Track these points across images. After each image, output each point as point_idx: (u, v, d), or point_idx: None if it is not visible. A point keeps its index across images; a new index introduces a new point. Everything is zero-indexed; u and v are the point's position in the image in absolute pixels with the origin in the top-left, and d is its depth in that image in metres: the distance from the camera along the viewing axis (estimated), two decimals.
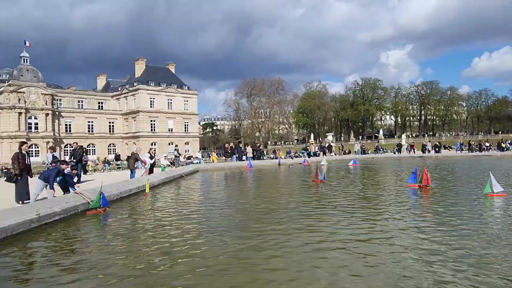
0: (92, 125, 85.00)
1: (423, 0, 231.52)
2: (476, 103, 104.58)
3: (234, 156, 33.18)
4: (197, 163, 39.05)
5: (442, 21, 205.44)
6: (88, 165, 38.01)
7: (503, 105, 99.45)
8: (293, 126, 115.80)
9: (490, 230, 6.91)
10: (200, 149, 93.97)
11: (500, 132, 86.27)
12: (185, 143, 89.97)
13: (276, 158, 40.24)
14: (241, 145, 39.91)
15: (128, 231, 7.51)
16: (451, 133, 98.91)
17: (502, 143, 47.15)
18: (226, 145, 44.55)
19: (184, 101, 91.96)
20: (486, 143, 49.56)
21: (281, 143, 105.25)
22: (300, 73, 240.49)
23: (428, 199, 11.21)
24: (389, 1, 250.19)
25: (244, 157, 34.34)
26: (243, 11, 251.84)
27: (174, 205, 10.85)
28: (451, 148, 52.78)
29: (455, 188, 13.71)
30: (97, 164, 39.19)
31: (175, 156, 32.42)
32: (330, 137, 62.59)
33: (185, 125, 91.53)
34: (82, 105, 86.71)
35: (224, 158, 38.41)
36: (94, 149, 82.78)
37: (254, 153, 39.42)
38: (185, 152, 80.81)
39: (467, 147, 48.68)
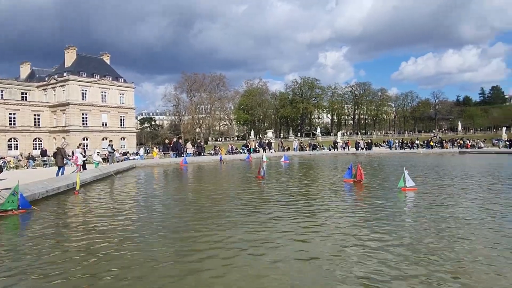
0: (14, 118, 77.34)
1: (358, 6, 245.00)
2: (403, 104, 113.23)
3: (173, 152, 32.23)
4: (133, 159, 37.35)
5: (375, 27, 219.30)
6: (9, 161, 34.51)
7: (425, 106, 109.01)
8: (234, 122, 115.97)
9: (404, 222, 7.42)
10: (137, 144, 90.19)
11: (422, 131, 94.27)
12: (121, 139, 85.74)
13: (217, 154, 39.89)
14: (181, 141, 38.81)
15: (50, 233, 6.76)
16: (381, 131, 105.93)
17: (431, 142, 51.86)
18: (166, 140, 43.20)
19: (120, 94, 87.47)
20: (416, 141, 54.09)
21: (221, 140, 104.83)
22: (241, 70, 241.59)
23: (359, 193, 11.80)
24: (328, 4, 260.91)
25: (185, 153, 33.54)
26: (184, 4, 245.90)
27: (105, 203, 10.10)
28: (381, 145, 56.41)
29: (383, 183, 14.52)
30: (20, 160, 35.62)
31: (109, 152, 30.57)
32: (270, 134, 63.50)
33: (121, 119, 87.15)
34: (2, 95, 78.53)
35: (163, 154, 37.13)
36: (17, 144, 75.57)
37: (195, 149, 38.69)
38: (121, 147, 77.01)
39: (397, 144, 52.46)
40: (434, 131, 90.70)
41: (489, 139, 60.15)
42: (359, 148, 47.22)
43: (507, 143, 48.43)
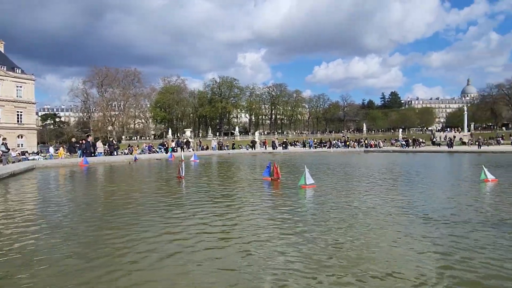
0: None
1: (275, 9, 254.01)
2: (316, 106, 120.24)
3: (80, 151, 29.49)
4: (33, 159, 33.31)
5: (291, 31, 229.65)
6: None
7: (336, 108, 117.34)
8: (150, 120, 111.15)
9: (307, 217, 7.69)
10: (38, 143, 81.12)
11: (333, 132, 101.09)
12: (18, 136, 76.17)
13: (131, 153, 37.70)
14: (90, 139, 35.76)
15: None
16: (296, 131, 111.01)
17: (347, 142, 56.09)
18: (73, 139, 39.55)
19: (17, 86, 77.64)
20: (335, 140, 57.89)
21: (137, 138, 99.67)
22: (158, 66, 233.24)
23: (274, 190, 12.04)
24: (246, 5, 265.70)
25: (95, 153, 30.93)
26: None
27: None
28: (296, 144, 58.96)
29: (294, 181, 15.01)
30: None
31: (3, 152, 26.74)
32: (188, 132, 62.16)
33: (18, 115, 77.42)
34: None
35: (69, 153, 33.79)
36: None
37: (106, 149, 36.03)
38: (18, 146, 68.37)
39: (316, 144, 55.43)
40: (343, 131, 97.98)
41: (388, 139, 66.85)
42: (276, 147, 48.74)
43: (403, 143, 54.36)
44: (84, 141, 32.03)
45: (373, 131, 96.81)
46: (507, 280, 4.32)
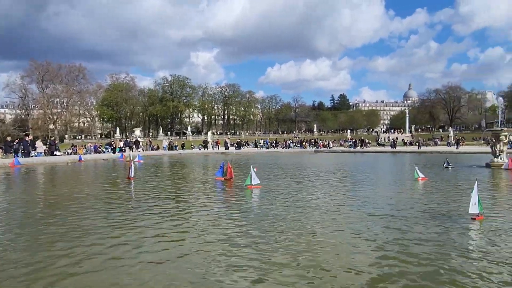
0: None
1: (228, 9, 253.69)
2: (268, 107, 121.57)
3: (14, 151, 27.29)
4: None
5: (244, 31, 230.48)
6: None
7: (287, 109, 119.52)
8: (96, 119, 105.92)
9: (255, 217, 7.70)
10: None
11: (285, 132, 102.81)
12: None
13: (75, 153, 35.63)
14: (28, 138, 33.27)
15: None
16: (249, 131, 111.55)
17: (303, 142, 57.54)
18: (8, 138, 36.51)
19: None
20: (289, 141, 58.88)
21: (81, 137, 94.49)
22: (107, 62, 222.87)
23: (222, 190, 12.07)
24: (199, 3, 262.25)
25: (33, 153, 28.81)
26: None
27: None
28: (248, 145, 59.15)
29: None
30: None
31: None
32: (137, 132, 59.98)
33: None
34: None
35: (4, 153, 31.11)
36: None
37: (46, 148, 33.72)
38: None
39: (273, 144, 55.95)
40: (294, 132, 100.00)
41: (337, 140, 69.31)
42: (228, 147, 48.58)
43: (351, 143, 56.63)
44: (18, 140, 29.71)
45: (323, 132, 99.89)
46: (442, 269, 4.66)
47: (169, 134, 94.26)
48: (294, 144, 56.71)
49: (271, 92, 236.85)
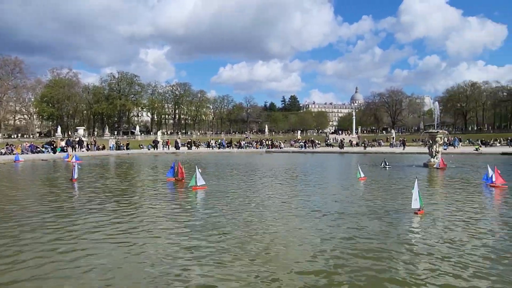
0: None
1: (180, 6, 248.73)
2: (220, 107, 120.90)
3: None
4: None
5: (196, 30, 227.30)
6: None
7: (239, 110, 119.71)
8: (34, 116, 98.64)
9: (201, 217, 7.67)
10: None
11: (236, 133, 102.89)
12: None
13: (11, 153, 32.88)
14: None
15: None
16: (200, 131, 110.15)
17: (265, 142, 57.96)
18: None
19: None
20: (242, 141, 58.83)
21: (18, 136, 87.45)
22: (47, 56, 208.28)
23: (175, 191, 11.79)
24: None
25: None
26: None
27: None
28: (200, 145, 58.29)
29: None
30: None
31: None
32: (81, 131, 56.79)
33: None
34: None
35: None
36: None
37: None
38: None
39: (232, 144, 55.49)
40: (246, 132, 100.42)
41: (288, 140, 70.63)
42: (179, 147, 47.58)
43: (302, 144, 57.99)
44: None
45: (273, 132, 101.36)
46: (388, 260, 4.98)
47: (116, 133, 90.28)
48: (246, 144, 56.85)
49: (223, 92, 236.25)
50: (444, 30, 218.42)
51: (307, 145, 55.94)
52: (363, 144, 54.99)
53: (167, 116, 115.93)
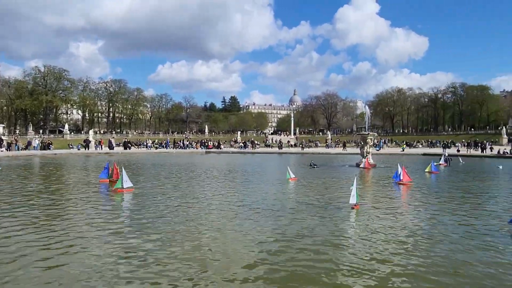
0: None
1: (115, 0, 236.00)
2: (158, 106, 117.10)
3: None
4: None
5: (134, 25, 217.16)
6: None
7: (179, 109, 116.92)
8: None
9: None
10: None
11: (175, 133, 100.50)
12: None
13: None
14: None
15: None
16: (137, 131, 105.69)
17: (207, 143, 56.50)
18: None
19: None
20: (186, 141, 57.24)
21: None
22: None
23: (103, 193, 11.30)
24: None
25: None
26: None
27: None
28: (137, 145, 55.87)
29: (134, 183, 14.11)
30: None
31: None
32: (0, 129, 51.45)
33: None
34: None
35: None
36: None
37: None
38: None
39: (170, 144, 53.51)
40: (185, 132, 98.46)
41: (228, 141, 70.53)
42: (112, 147, 45.14)
43: (242, 144, 58.22)
44: None
45: (214, 133, 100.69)
46: (326, 253, 5.26)
47: (41, 132, 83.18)
48: (188, 144, 55.65)
49: (162, 91, 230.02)
50: (374, 39, 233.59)
51: (247, 145, 56.28)
52: (301, 145, 56.73)
53: (100, 114, 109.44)
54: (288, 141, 68.19)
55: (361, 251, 5.59)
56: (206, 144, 56.47)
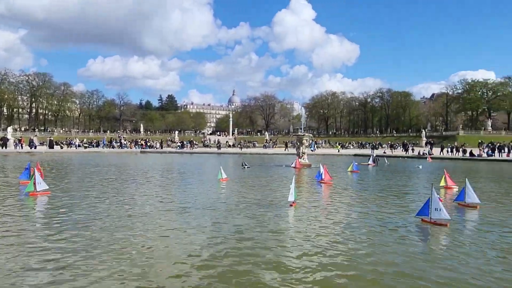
0: None
1: None
2: (89, 102, 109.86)
3: None
4: None
5: (61, 15, 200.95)
6: None
7: (111, 107, 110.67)
8: None
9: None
10: None
11: (108, 131, 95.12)
12: None
13: None
14: None
15: None
16: (64, 129, 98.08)
17: (147, 143, 53.64)
18: None
19: None
20: (123, 141, 53.65)
21: None
22: None
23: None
24: None
25: None
26: None
27: None
28: (68, 144, 51.83)
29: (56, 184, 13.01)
30: None
31: None
32: None
33: None
34: None
35: None
36: None
37: None
38: None
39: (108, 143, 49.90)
40: (119, 131, 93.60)
41: (165, 141, 68.39)
42: (33, 146, 41.34)
43: (179, 144, 56.79)
44: None
45: (150, 132, 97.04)
46: (264, 248, 5.03)
47: None
48: (119, 144, 52.80)
49: (93, 87, 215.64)
50: (310, 44, 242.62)
51: (184, 145, 55.04)
52: (239, 145, 56.86)
53: (20, 110, 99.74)
54: (227, 142, 68.04)
55: (290, 247, 5.86)
56: (141, 143, 54.19)
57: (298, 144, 24.64)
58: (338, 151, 47.23)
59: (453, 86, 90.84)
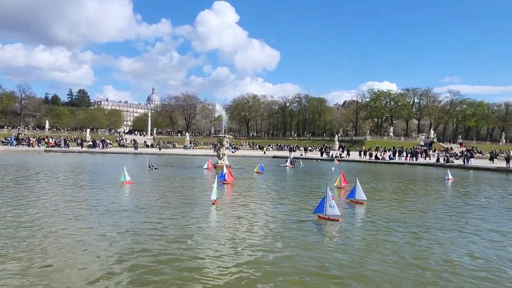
0: None
1: None
2: None
3: None
4: None
5: None
6: None
7: (10, 99, 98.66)
8: None
9: None
10: None
11: (6, 127, 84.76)
12: None
13: None
14: None
15: None
16: None
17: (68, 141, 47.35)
18: None
19: None
20: (33, 138, 47.46)
21: None
22: None
23: None
24: None
25: None
26: None
27: None
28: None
29: None
30: None
31: None
32: None
33: None
34: None
35: None
36: None
37: None
38: None
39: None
40: (19, 127, 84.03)
41: (75, 139, 63.27)
42: None
43: (91, 143, 53.02)
44: None
45: (56, 129, 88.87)
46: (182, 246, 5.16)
47: None
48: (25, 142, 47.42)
49: None
50: (233, 46, 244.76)
51: (97, 144, 51.60)
52: (158, 146, 55.10)
53: None
54: (145, 141, 65.50)
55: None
56: (46, 141, 49.46)
57: (219, 145, 24.80)
58: (264, 152, 48.81)
59: (362, 95, 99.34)
